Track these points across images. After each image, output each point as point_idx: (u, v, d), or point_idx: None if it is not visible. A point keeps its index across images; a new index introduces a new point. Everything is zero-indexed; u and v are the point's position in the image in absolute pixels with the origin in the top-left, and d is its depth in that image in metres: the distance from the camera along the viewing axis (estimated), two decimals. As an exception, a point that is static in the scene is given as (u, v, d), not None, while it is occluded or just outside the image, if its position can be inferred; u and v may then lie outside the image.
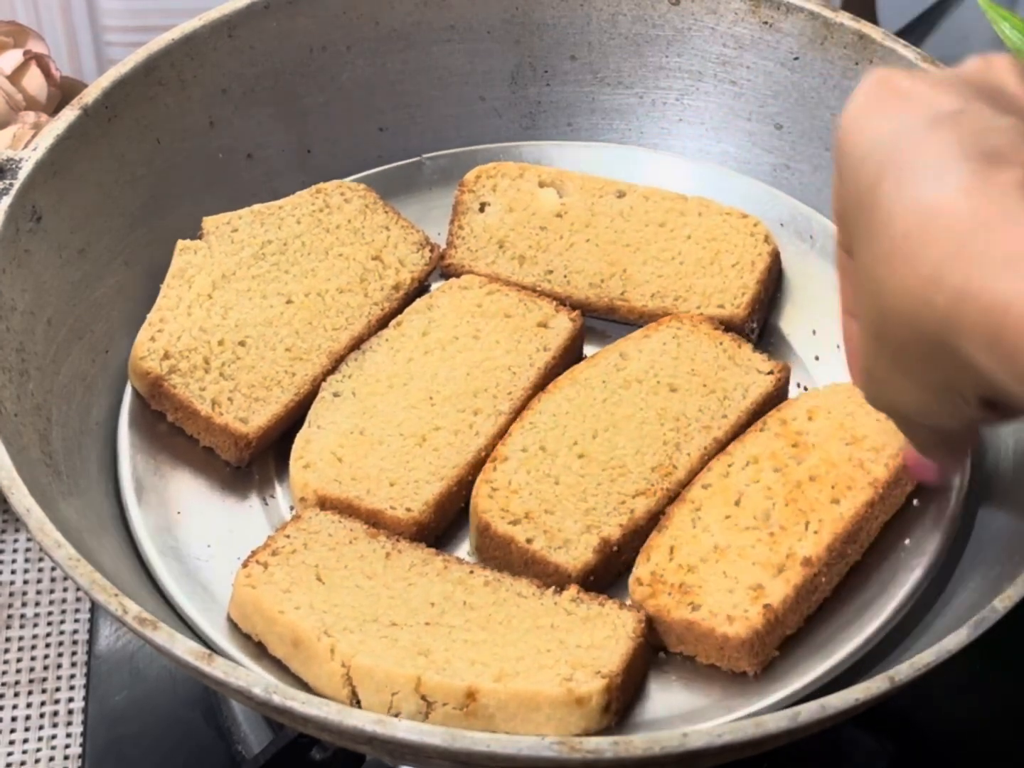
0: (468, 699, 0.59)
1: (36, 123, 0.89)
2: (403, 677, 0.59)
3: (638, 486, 0.68)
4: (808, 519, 0.65)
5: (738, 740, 0.53)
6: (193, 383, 0.71)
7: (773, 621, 0.62)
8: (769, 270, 0.79)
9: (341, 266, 0.77)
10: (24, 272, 0.70)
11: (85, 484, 0.69)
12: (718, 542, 0.65)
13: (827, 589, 0.65)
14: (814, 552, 0.64)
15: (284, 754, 0.68)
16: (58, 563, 0.59)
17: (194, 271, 0.75)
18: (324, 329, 0.74)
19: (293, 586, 0.63)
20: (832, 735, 0.67)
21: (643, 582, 0.65)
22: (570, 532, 0.66)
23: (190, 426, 0.71)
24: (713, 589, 0.63)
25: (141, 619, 0.57)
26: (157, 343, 0.72)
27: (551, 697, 0.59)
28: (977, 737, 0.76)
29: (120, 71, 0.76)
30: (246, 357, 0.72)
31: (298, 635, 0.61)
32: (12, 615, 0.82)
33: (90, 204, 0.75)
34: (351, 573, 0.64)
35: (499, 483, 0.68)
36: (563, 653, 0.61)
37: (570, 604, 0.63)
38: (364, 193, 0.80)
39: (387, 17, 0.84)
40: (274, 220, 0.78)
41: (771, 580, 0.63)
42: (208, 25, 0.79)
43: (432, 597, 0.63)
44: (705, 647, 0.63)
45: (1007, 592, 0.59)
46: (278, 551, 0.65)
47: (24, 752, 0.77)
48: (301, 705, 0.54)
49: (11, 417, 0.65)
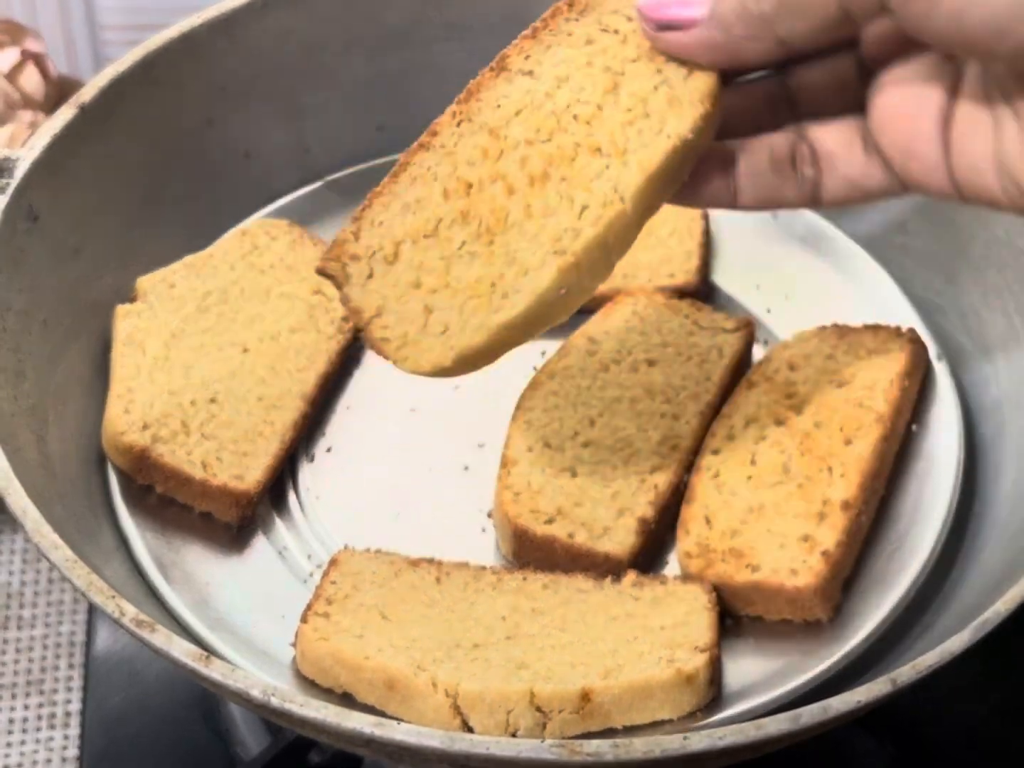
0: (583, 701, 0.58)
1: (33, 122, 0.89)
2: (516, 694, 0.58)
3: (652, 462, 0.68)
4: (830, 464, 0.67)
5: (739, 742, 0.53)
6: (179, 449, 0.69)
7: (833, 565, 0.63)
8: (705, 232, 0.80)
9: (286, 306, 0.75)
10: (20, 272, 0.69)
11: (82, 485, 0.68)
12: (750, 503, 0.66)
13: (866, 527, 0.67)
14: (850, 494, 0.65)
15: (282, 756, 0.68)
16: (55, 565, 0.59)
17: (142, 335, 0.73)
18: (288, 372, 0.73)
19: (364, 630, 0.61)
20: (833, 737, 0.67)
21: (693, 555, 0.65)
22: (606, 519, 0.66)
23: (183, 494, 0.69)
24: (765, 548, 0.64)
25: (138, 621, 0.57)
26: (132, 415, 0.69)
27: (662, 681, 0.59)
28: (978, 738, 0.76)
29: (117, 69, 0.76)
30: (221, 414, 0.70)
31: (391, 676, 0.59)
32: (9, 617, 0.82)
33: (87, 203, 0.74)
34: (411, 605, 0.63)
35: (519, 486, 0.67)
36: (652, 637, 0.61)
37: (633, 589, 0.63)
38: (288, 229, 0.79)
39: (386, 15, 0.84)
40: (208, 270, 0.76)
41: (817, 528, 0.64)
42: (206, 23, 0.79)
43: (499, 611, 0.63)
44: (777, 604, 0.64)
45: (1009, 594, 0.59)
46: (332, 599, 0.63)
47: (21, 754, 0.77)
48: (299, 707, 0.53)
49: (7, 418, 0.65)
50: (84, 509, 0.67)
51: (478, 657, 0.60)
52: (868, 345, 0.72)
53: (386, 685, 0.59)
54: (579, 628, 0.62)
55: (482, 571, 0.65)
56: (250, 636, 0.65)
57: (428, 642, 0.61)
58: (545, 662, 0.60)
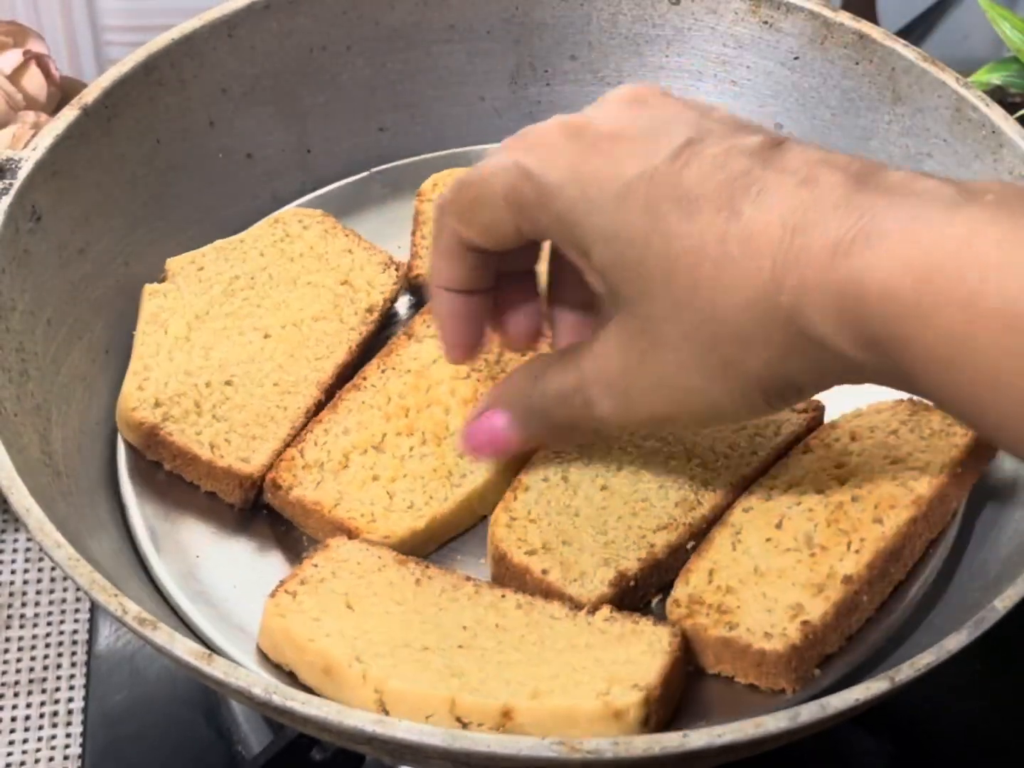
0: (504, 718, 0.58)
1: (36, 123, 0.89)
2: (437, 699, 0.58)
3: (659, 520, 0.67)
4: (850, 539, 0.64)
5: (738, 740, 0.53)
6: (189, 428, 0.69)
7: (811, 637, 0.61)
8: None
9: (312, 294, 0.76)
10: (24, 272, 0.70)
11: (85, 484, 0.69)
12: (759, 564, 0.64)
13: (869, 608, 0.64)
14: (854, 570, 0.63)
15: (284, 754, 0.68)
16: (58, 563, 0.59)
17: (167, 315, 0.73)
18: (307, 360, 0.73)
19: (323, 614, 0.62)
20: (832, 735, 0.67)
21: (681, 604, 0.64)
22: (586, 564, 0.65)
23: (190, 472, 0.69)
24: (752, 609, 0.62)
25: (141, 619, 0.57)
26: (146, 392, 0.70)
27: (588, 712, 0.58)
28: (977, 737, 0.76)
29: (120, 71, 0.76)
30: (235, 396, 0.71)
31: (329, 662, 0.60)
32: (12, 615, 0.82)
33: (90, 204, 0.75)
34: (381, 600, 0.63)
35: (518, 512, 0.67)
36: (599, 669, 0.60)
37: (604, 623, 0.62)
38: (322, 219, 0.79)
39: (387, 17, 0.84)
40: (238, 255, 0.77)
41: (811, 599, 0.62)
42: (208, 25, 0.79)
43: (464, 621, 0.62)
44: (743, 665, 0.62)
45: (1007, 592, 0.59)
46: (306, 580, 0.64)
47: (24, 752, 0.77)
48: (301, 705, 0.54)
49: (11, 417, 0.65)
50: (87, 508, 0.67)
51: (420, 660, 0.60)
52: (933, 425, 0.69)
53: (323, 670, 0.60)
54: (533, 650, 0.61)
55: (464, 581, 0.65)
56: (229, 612, 0.65)
57: (377, 636, 0.61)
58: (481, 675, 0.59)
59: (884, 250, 0.48)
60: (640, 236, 0.53)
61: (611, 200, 0.53)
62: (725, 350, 0.53)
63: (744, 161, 0.52)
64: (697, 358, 0.54)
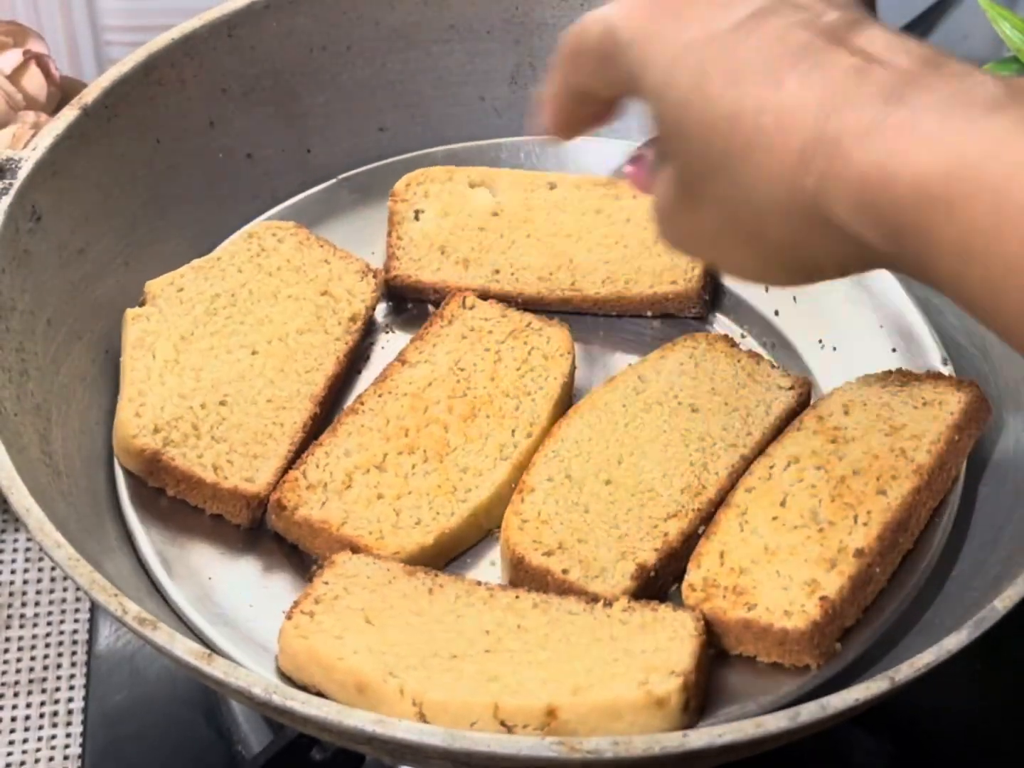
0: (548, 717, 0.58)
1: (36, 123, 0.89)
2: (480, 705, 0.58)
3: (669, 509, 0.67)
4: (856, 512, 0.65)
5: (738, 740, 0.53)
6: (190, 451, 0.69)
7: (831, 613, 0.62)
8: None
9: (294, 307, 0.76)
10: (24, 272, 0.70)
11: (85, 484, 0.69)
12: (768, 543, 0.65)
13: (882, 579, 0.65)
14: (865, 543, 0.64)
15: (284, 754, 0.68)
16: (58, 563, 0.59)
17: (152, 338, 0.73)
18: (297, 373, 0.73)
19: (345, 631, 0.61)
20: (832, 735, 0.67)
21: (696, 588, 0.64)
22: (605, 560, 0.65)
23: (194, 496, 0.69)
24: (767, 588, 0.63)
25: (141, 619, 0.57)
26: (144, 418, 0.69)
27: (631, 702, 0.58)
28: (977, 737, 0.76)
29: (120, 71, 0.76)
30: (231, 416, 0.71)
31: (361, 679, 0.59)
32: (12, 615, 0.82)
33: (90, 204, 0.75)
34: (399, 612, 0.63)
35: (528, 514, 0.67)
36: (631, 660, 0.60)
37: (623, 614, 0.63)
38: (295, 230, 0.79)
39: (387, 17, 0.84)
40: (216, 272, 0.76)
41: (825, 575, 0.63)
42: (208, 25, 0.79)
43: (485, 625, 0.62)
44: (765, 644, 0.63)
45: (1007, 592, 0.59)
46: (320, 599, 0.63)
47: (24, 752, 0.77)
48: (301, 705, 0.54)
49: (11, 417, 0.65)
50: (87, 508, 0.67)
51: (452, 668, 0.60)
52: (925, 394, 0.70)
53: (356, 688, 0.59)
54: (560, 647, 0.61)
55: (476, 586, 0.65)
56: (250, 631, 0.65)
57: (405, 649, 0.60)
58: (516, 677, 0.59)
59: (917, 140, 0.47)
60: (683, 97, 0.52)
61: (667, 60, 0.53)
62: (749, 222, 0.52)
63: (805, 36, 0.51)
64: (726, 222, 0.54)
